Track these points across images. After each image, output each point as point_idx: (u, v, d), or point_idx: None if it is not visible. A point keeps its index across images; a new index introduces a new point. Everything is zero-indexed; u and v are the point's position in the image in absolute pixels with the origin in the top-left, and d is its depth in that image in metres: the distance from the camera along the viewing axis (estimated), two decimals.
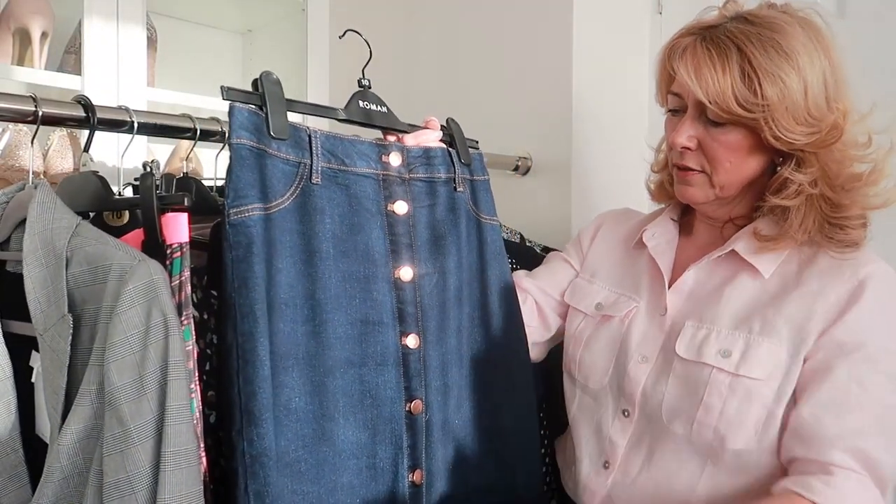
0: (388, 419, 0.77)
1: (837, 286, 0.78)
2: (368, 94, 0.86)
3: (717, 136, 0.81)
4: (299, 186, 0.74)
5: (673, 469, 0.83)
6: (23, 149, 1.30)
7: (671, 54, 0.84)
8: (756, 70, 0.76)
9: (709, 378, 0.79)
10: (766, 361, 0.78)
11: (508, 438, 0.91)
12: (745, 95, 0.77)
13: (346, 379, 0.74)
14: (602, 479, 0.89)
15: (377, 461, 0.76)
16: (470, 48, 1.47)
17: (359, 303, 0.76)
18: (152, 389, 0.59)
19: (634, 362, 0.87)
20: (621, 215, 1.06)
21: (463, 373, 0.87)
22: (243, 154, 0.69)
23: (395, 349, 0.78)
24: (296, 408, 0.70)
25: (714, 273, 0.87)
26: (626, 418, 0.87)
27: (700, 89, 0.78)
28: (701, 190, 0.85)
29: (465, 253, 0.89)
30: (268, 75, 0.74)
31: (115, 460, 0.57)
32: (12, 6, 1.36)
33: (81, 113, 0.74)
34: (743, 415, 0.77)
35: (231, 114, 0.70)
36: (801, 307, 0.79)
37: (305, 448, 0.70)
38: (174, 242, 0.66)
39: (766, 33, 0.78)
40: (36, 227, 0.65)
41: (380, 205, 0.80)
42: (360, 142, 0.80)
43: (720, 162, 0.82)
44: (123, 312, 0.59)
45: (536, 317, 1.01)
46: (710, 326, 0.83)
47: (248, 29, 1.93)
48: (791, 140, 0.77)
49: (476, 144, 0.98)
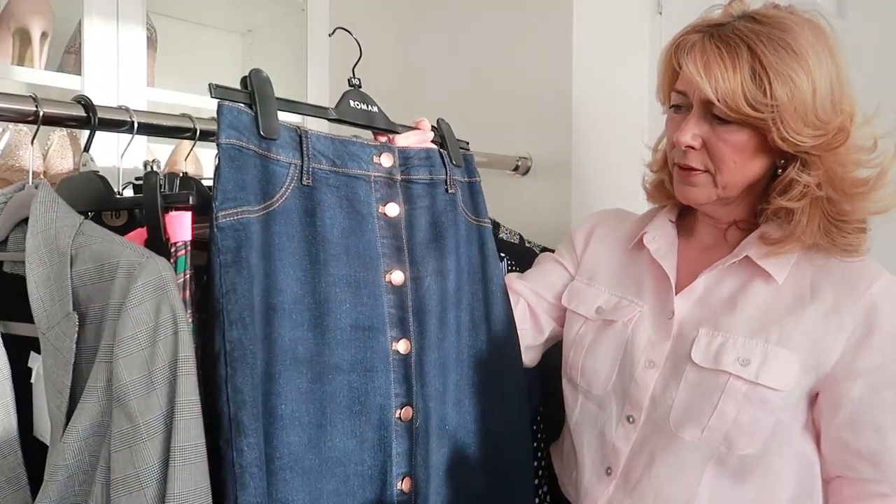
0: (378, 426, 0.75)
1: (851, 305, 0.78)
2: (359, 93, 0.85)
3: (722, 135, 0.80)
4: (290, 188, 0.72)
5: (674, 474, 0.82)
6: (23, 149, 1.30)
7: (678, 50, 0.83)
8: (766, 69, 0.75)
9: (725, 386, 0.79)
10: (782, 372, 0.78)
11: (500, 444, 0.90)
12: (755, 95, 0.76)
13: (334, 385, 0.72)
14: (603, 485, 0.89)
15: (365, 469, 0.74)
16: (470, 48, 1.47)
17: (349, 307, 0.74)
18: (161, 385, 0.59)
19: (641, 368, 0.86)
20: (614, 216, 1.05)
21: (455, 378, 0.86)
22: (232, 154, 0.67)
23: (385, 354, 0.76)
24: (282, 415, 0.68)
25: (725, 279, 0.86)
26: (631, 424, 0.86)
27: (709, 87, 0.77)
28: (703, 190, 0.84)
29: (458, 255, 0.88)
30: (257, 73, 0.72)
31: (123, 456, 0.57)
32: (12, 6, 1.36)
33: (82, 113, 0.74)
34: (756, 422, 0.78)
35: (220, 112, 0.68)
36: (817, 324, 0.79)
37: (291, 455, 0.69)
38: (178, 241, 0.66)
39: (776, 33, 0.77)
40: (39, 225, 0.65)
41: (371, 207, 0.78)
42: (352, 143, 0.78)
43: (725, 162, 0.81)
44: (133, 309, 0.59)
45: (529, 320, 1.00)
46: (727, 334, 0.82)
47: (248, 29, 1.93)
48: (798, 142, 0.77)
49: (467, 145, 0.97)
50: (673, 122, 0.87)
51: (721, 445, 0.79)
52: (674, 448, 0.82)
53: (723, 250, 0.89)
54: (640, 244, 0.95)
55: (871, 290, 0.78)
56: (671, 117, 0.88)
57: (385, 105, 0.88)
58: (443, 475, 0.82)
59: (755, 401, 0.78)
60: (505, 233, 1.21)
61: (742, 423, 0.78)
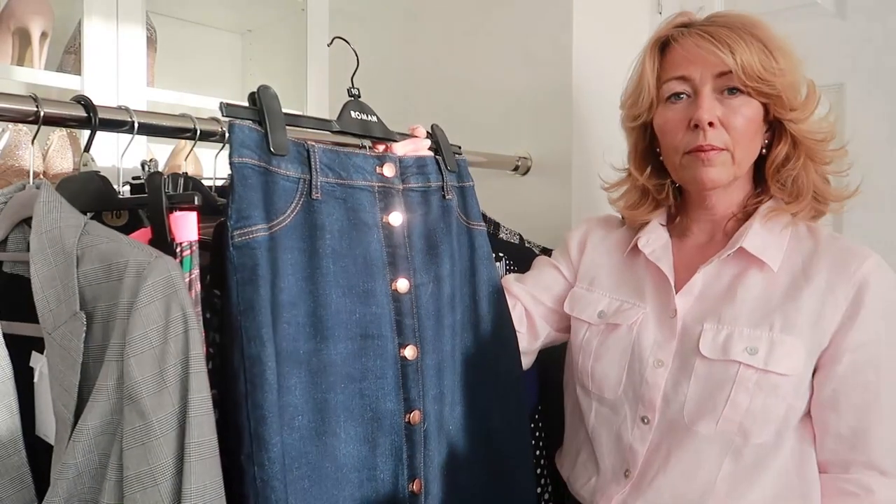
0: (389, 431, 0.77)
1: (844, 284, 0.81)
2: (359, 103, 0.86)
3: (737, 108, 0.84)
4: (300, 203, 0.73)
5: (690, 470, 0.83)
6: (22, 149, 1.30)
7: (677, 37, 0.87)
8: (768, 45, 0.82)
9: (735, 375, 0.80)
10: (789, 358, 0.80)
11: (500, 442, 0.91)
12: (767, 64, 0.82)
13: (346, 394, 0.74)
14: (620, 486, 0.89)
15: (378, 473, 0.76)
16: (470, 48, 1.47)
17: (358, 317, 0.76)
18: (173, 383, 0.59)
19: (651, 368, 0.87)
20: (605, 222, 1.06)
21: (456, 379, 0.87)
22: (246, 173, 0.68)
23: (394, 361, 0.78)
24: (299, 426, 0.70)
25: (722, 272, 0.88)
26: (646, 425, 0.87)
27: (728, 55, 0.81)
28: (725, 170, 0.85)
29: (457, 260, 0.90)
30: (265, 89, 0.73)
31: (136, 454, 0.58)
32: (12, 6, 1.36)
33: (82, 113, 0.74)
34: (768, 409, 0.79)
35: (231, 131, 0.68)
36: (815, 306, 0.81)
37: (309, 465, 0.70)
38: (183, 241, 0.66)
39: (753, 20, 0.84)
40: (43, 226, 0.65)
41: (376, 217, 0.80)
42: (356, 154, 0.80)
43: (743, 134, 0.84)
44: (143, 308, 0.59)
45: (525, 324, 1.01)
46: (732, 326, 0.83)
47: (247, 29, 1.93)
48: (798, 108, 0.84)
49: (460, 150, 0.98)
50: (674, 113, 0.88)
51: (736, 436, 0.80)
52: (690, 444, 0.83)
53: (717, 245, 0.90)
54: (635, 249, 0.96)
55: (862, 269, 0.81)
56: (669, 108, 0.88)
57: (386, 103, 0.88)
58: (447, 474, 0.84)
59: (766, 388, 0.79)
60: (505, 233, 1.21)
61: (755, 412, 0.79)
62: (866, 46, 1.20)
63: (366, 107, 0.87)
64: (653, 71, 0.89)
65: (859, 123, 1.17)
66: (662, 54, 0.90)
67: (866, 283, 0.80)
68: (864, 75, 1.20)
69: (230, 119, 0.69)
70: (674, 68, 0.87)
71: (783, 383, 0.79)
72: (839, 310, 0.80)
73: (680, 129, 0.87)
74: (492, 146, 1.30)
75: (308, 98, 1.71)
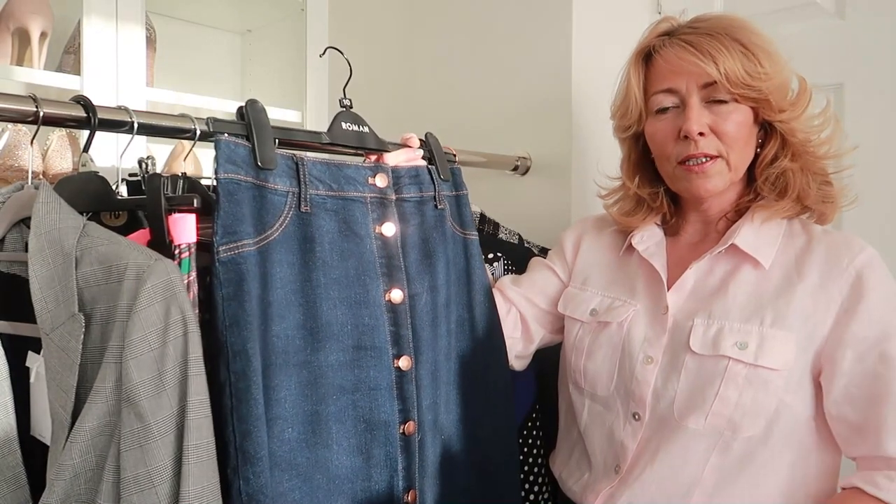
0: (384, 442, 0.77)
1: (837, 279, 0.81)
2: (351, 114, 0.86)
3: (727, 115, 0.84)
4: (289, 216, 0.73)
5: (677, 464, 0.83)
6: (22, 149, 1.30)
7: (659, 48, 0.87)
8: (751, 48, 0.82)
9: (725, 370, 0.80)
10: (780, 352, 0.80)
11: (489, 449, 0.91)
12: (751, 69, 0.81)
13: (339, 405, 0.74)
14: (608, 481, 0.89)
15: (372, 484, 0.76)
16: (470, 48, 1.47)
17: (351, 329, 0.76)
18: (172, 385, 0.59)
19: (640, 364, 0.87)
20: (599, 222, 1.06)
21: (448, 388, 0.88)
22: (231, 189, 0.69)
23: (388, 372, 0.78)
24: (289, 438, 0.70)
25: (714, 269, 0.88)
26: (637, 421, 0.87)
27: (711, 66, 0.81)
28: (721, 177, 0.86)
29: (449, 269, 0.90)
30: (253, 103, 0.73)
31: (134, 455, 0.58)
32: (11, 6, 1.36)
33: (82, 113, 0.74)
34: (758, 404, 0.79)
35: (217, 148, 0.69)
36: (808, 301, 0.81)
37: (300, 476, 0.70)
38: (182, 243, 0.66)
39: (736, 22, 0.84)
40: (42, 227, 0.65)
41: (368, 228, 0.80)
42: (347, 165, 0.79)
43: (736, 139, 0.84)
44: (142, 310, 0.59)
45: (520, 329, 1.01)
46: (722, 321, 0.83)
47: (247, 29, 1.93)
48: (787, 108, 0.83)
49: (454, 158, 0.97)
50: (663, 124, 0.88)
51: (726, 430, 0.80)
52: (679, 438, 0.83)
53: (710, 243, 0.91)
54: (629, 247, 0.96)
55: (855, 262, 0.81)
56: (659, 120, 0.89)
57: (386, 103, 0.88)
58: (440, 484, 0.84)
59: (756, 383, 0.79)
60: (504, 233, 1.21)
61: (744, 406, 0.79)
62: (866, 46, 1.20)
63: (358, 117, 0.86)
64: (639, 83, 0.90)
65: (859, 123, 1.17)
66: (647, 65, 0.91)
67: (860, 276, 0.80)
68: (863, 75, 1.20)
69: (216, 135, 0.69)
70: (659, 81, 0.87)
71: (774, 378, 0.79)
72: (833, 304, 0.80)
73: (670, 139, 0.87)
74: (492, 146, 1.30)
75: (307, 97, 1.71)
